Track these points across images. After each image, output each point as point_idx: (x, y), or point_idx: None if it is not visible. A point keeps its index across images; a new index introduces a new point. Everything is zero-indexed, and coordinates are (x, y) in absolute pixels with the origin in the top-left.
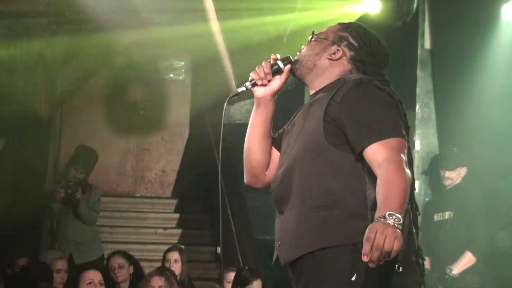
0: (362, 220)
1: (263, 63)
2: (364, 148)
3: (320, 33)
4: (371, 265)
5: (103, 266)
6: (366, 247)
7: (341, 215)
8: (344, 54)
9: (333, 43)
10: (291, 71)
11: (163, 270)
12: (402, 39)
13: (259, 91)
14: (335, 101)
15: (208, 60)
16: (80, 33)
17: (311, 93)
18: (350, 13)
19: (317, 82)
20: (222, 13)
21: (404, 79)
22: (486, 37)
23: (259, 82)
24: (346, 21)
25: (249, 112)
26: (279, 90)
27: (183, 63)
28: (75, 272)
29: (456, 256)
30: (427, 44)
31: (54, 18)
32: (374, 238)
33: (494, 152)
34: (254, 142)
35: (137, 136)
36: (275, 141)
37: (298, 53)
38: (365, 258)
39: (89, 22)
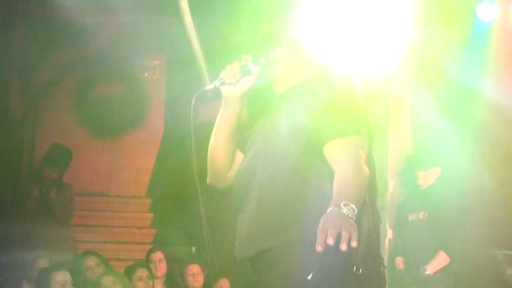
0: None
1: (234, 63)
2: (324, 145)
3: (289, 36)
4: (318, 247)
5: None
6: (320, 237)
7: (300, 211)
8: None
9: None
10: (261, 73)
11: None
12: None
13: (226, 91)
14: (300, 101)
15: (183, 59)
16: (54, 31)
17: (277, 93)
18: None
19: (285, 83)
20: (197, 12)
21: None
22: (460, 37)
23: (227, 81)
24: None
25: None
26: (248, 89)
27: (158, 62)
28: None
29: (430, 256)
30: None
31: (28, 16)
32: (329, 227)
33: (468, 152)
34: (218, 142)
35: (112, 135)
36: (240, 142)
37: (271, 54)
38: (319, 248)
39: (63, 21)
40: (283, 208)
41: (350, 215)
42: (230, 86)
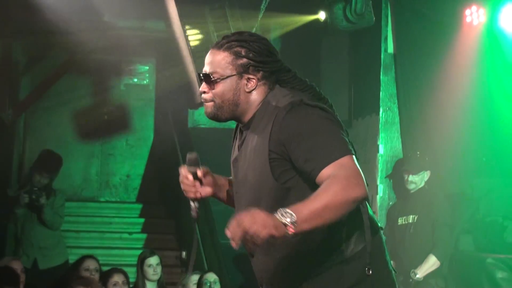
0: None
1: (180, 177)
2: (317, 176)
3: (217, 72)
4: (232, 243)
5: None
6: (232, 223)
7: (317, 262)
8: (256, 78)
9: (240, 75)
10: (216, 119)
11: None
12: (365, 43)
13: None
14: (276, 134)
15: (172, 64)
16: (44, 37)
17: (239, 126)
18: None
19: (246, 116)
20: (186, 18)
21: (368, 83)
22: (450, 41)
23: (195, 197)
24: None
25: None
26: (214, 191)
27: (147, 67)
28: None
29: (420, 260)
30: (391, 48)
31: (17, 21)
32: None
33: (458, 156)
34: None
35: (102, 141)
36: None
37: (202, 98)
38: (227, 232)
39: (53, 26)
40: (299, 259)
41: (282, 220)
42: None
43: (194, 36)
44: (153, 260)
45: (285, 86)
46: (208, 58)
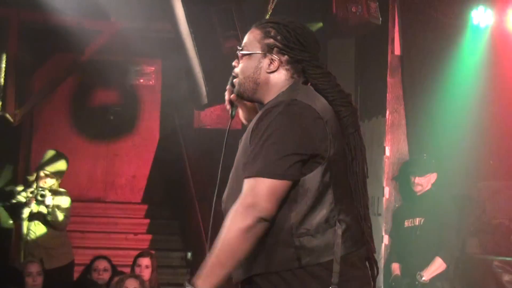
0: (288, 248)
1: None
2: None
3: (246, 47)
4: None
5: (73, 271)
6: None
7: (268, 242)
8: (279, 61)
9: (264, 54)
10: (240, 97)
11: (138, 275)
12: (372, 45)
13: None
14: (252, 128)
15: (178, 65)
16: (50, 37)
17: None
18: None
19: (266, 98)
20: (193, 18)
21: (375, 85)
22: (456, 43)
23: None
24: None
25: (219, 118)
26: (245, 118)
27: (153, 68)
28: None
29: (426, 262)
30: (397, 50)
31: (24, 23)
32: None
33: (464, 158)
34: None
35: (108, 141)
36: None
37: (233, 73)
38: None
39: (59, 27)
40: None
41: None
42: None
43: (201, 38)
44: (142, 261)
45: (311, 82)
46: (246, 35)
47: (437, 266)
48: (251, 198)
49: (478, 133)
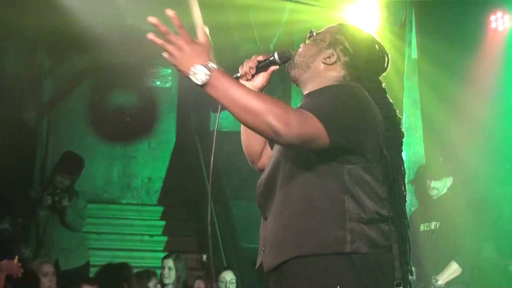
0: (340, 230)
1: (252, 58)
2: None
3: (318, 34)
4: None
5: (88, 272)
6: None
7: (319, 223)
8: (338, 59)
9: (329, 46)
10: (287, 70)
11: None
12: (388, 48)
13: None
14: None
15: None
16: (67, 39)
17: (303, 94)
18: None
19: (310, 85)
20: (209, 22)
21: (391, 89)
22: (474, 47)
23: (243, 77)
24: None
25: (235, 120)
26: (262, 87)
27: (170, 70)
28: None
29: (442, 266)
30: (414, 54)
31: (41, 26)
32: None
33: (481, 162)
34: (242, 130)
35: (124, 143)
36: None
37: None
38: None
39: (75, 29)
40: (304, 218)
41: (200, 70)
42: (246, 82)
43: (218, 41)
44: (165, 263)
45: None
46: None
47: (453, 270)
48: (297, 122)
49: (495, 137)
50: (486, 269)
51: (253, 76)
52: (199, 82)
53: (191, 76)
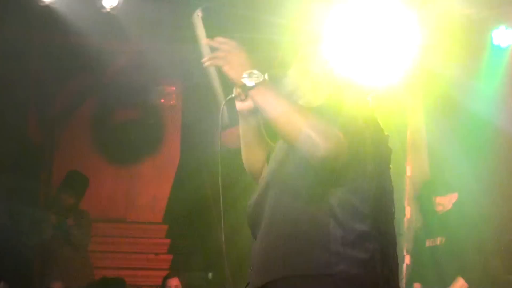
0: (325, 253)
1: None
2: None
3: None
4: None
5: None
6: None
7: (304, 246)
8: None
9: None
10: None
11: None
12: None
13: (237, 104)
14: None
15: (200, 85)
16: (71, 59)
17: None
18: None
19: (304, 103)
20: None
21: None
22: (477, 63)
23: (237, 98)
24: None
25: (239, 138)
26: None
27: (174, 88)
28: None
29: (448, 282)
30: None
31: (45, 44)
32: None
33: (485, 178)
34: (242, 145)
35: (129, 162)
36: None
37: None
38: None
39: (80, 48)
40: (290, 239)
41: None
42: (240, 102)
43: None
44: (171, 282)
45: None
46: None
47: (459, 286)
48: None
49: (499, 153)
50: (492, 285)
51: (246, 96)
52: (252, 84)
53: (244, 79)
